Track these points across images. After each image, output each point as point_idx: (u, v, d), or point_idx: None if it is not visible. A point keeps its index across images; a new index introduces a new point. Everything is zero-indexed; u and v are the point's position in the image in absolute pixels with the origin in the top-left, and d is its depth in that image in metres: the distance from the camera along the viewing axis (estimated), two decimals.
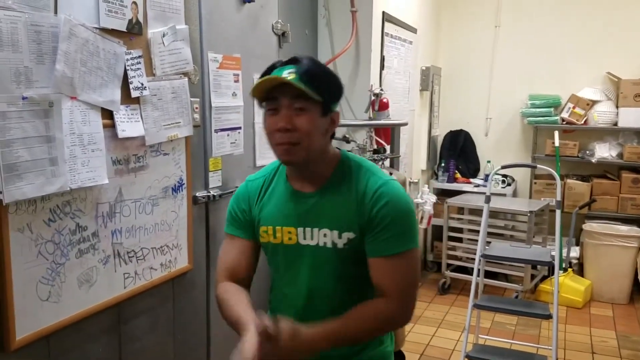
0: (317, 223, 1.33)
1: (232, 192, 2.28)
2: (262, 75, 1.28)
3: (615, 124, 4.49)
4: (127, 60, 1.69)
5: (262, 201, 1.41)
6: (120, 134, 1.68)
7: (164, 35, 1.83)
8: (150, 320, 1.93)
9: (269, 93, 1.27)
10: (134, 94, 1.72)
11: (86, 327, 1.66)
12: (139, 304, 1.86)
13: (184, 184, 1.98)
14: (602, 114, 4.49)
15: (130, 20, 1.69)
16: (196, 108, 2.04)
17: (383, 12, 3.34)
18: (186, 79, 1.94)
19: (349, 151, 2.95)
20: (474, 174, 5.06)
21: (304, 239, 1.34)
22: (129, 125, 1.71)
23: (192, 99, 1.99)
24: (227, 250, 1.45)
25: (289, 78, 1.23)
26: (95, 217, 1.64)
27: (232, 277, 1.41)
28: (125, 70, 1.69)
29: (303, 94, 1.23)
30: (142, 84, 1.74)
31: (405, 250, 1.30)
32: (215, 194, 2.17)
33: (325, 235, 1.32)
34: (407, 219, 1.31)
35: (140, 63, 1.74)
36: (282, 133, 1.24)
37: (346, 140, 3.14)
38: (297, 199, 1.36)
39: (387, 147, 3.19)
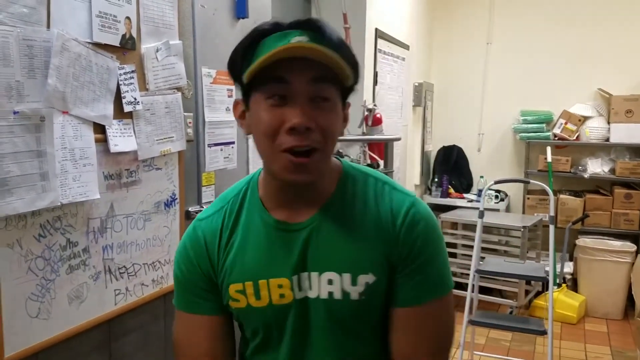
0: (316, 265, 0.91)
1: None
2: (248, 45, 0.86)
3: (607, 140, 4.52)
4: (120, 75, 1.69)
5: (228, 246, 0.95)
6: (113, 149, 1.66)
7: (157, 51, 1.83)
8: (141, 337, 1.90)
9: (269, 72, 0.82)
10: (127, 108, 1.71)
11: (76, 344, 1.63)
12: (130, 320, 1.83)
13: (176, 198, 1.97)
14: (593, 130, 4.52)
15: (123, 36, 1.68)
16: (189, 123, 2.04)
17: (376, 29, 3.37)
18: (179, 93, 1.94)
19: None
20: (467, 189, 5.08)
21: (300, 290, 0.92)
22: (121, 139, 1.70)
23: (185, 114, 1.98)
24: (188, 337, 0.98)
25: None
26: (86, 232, 1.62)
27: None
28: (118, 85, 1.68)
29: (325, 75, 0.83)
30: (135, 99, 1.74)
31: (443, 295, 0.93)
32: None
33: (331, 281, 0.90)
34: (443, 249, 0.96)
35: (133, 78, 1.73)
36: (298, 135, 0.82)
37: (340, 155, 3.14)
38: (284, 235, 0.92)
39: (381, 162, 3.20)
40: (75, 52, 1.52)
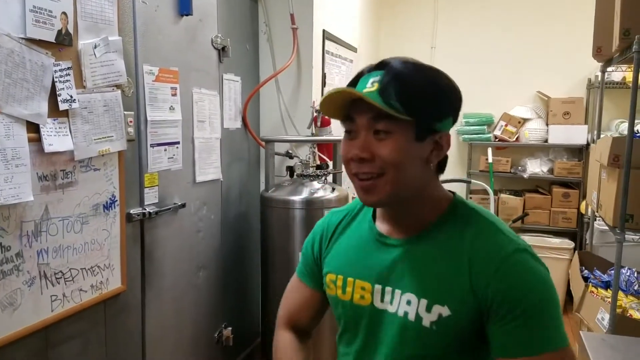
0: (400, 282, 0.98)
1: (169, 208, 2.24)
2: (348, 85, 1.01)
3: (546, 141, 4.69)
4: (56, 71, 1.62)
5: (336, 240, 1.12)
6: (47, 149, 1.59)
7: (95, 47, 1.77)
8: (80, 345, 1.83)
9: (346, 110, 0.98)
10: (62, 106, 1.64)
11: (10, 353, 1.55)
12: (68, 328, 1.76)
13: (116, 200, 1.90)
14: (533, 132, 4.68)
15: (59, 31, 1.62)
16: (130, 122, 1.98)
17: (323, 31, 3.37)
18: (119, 91, 1.88)
19: (295, 164, 2.97)
20: None
21: (382, 301, 1.01)
22: (56, 139, 1.63)
23: (125, 112, 1.92)
24: (291, 293, 1.22)
25: (369, 90, 0.94)
26: (19, 236, 1.54)
27: (291, 324, 1.20)
28: (54, 82, 1.61)
29: (383, 114, 0.93)
30: (72, 97, 1.67)
31: (550, 351, 0.88)
32: (151, 211, 2.10)
33: (409, 302, 0.97)
34: (552, 306, 0.93)
35: (69, 75, 1.67)
36: (358, 163, 0.96)
37: (289, 155, 3.13)
38: (380, 246, 1.03)
39: (330, 163, 3.20)
40: (7, 48, 1.45)
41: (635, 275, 3.08)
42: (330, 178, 3.12)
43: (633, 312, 2.71)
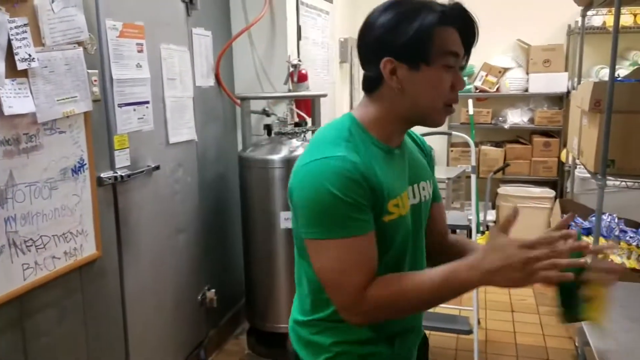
0: (416, 177, 1.19)
1: (142, 171, 2.16)
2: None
3: (526, 90, 4.65)
4: (11, 29, 1.52)
5: (375, 169, 1.06)
6: (7, 111, 1.51)
7: (53, 1, 1.66)
8: (57, 312, 1.78)
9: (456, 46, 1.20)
10: (21, 66, 1.55)
11: None
12: (43, 295, 1.71)
13: (85, 164, 1.82)
14: (513, 81, 4.64)
15: None
16: (95, 81, 1.88)
17: None
18: (81, 49, 1.77)
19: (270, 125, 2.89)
20: None
21: (413, 198, 1.18)
22: (16, 100, 1.54)
23: (89, 71, 1.82)
24: (363, 251, 1.04)
25: None
26: None
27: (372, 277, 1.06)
28: (10, 41, 1.51)
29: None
30: (30, 55, 1.57)
31: None
32: (123, 174, 2.02)
33: (423, 188, 1.21)
34: None
35: (26, 32, 1.57)
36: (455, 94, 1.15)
37: (266, 113, 3.04)
38: (393, 157, 1.14)
39: (309, 120, 3.13)
40: None
41: (616, 220, 3.11)
42: (309, 135, 3.06)
43: (614, 257, 2.74)
